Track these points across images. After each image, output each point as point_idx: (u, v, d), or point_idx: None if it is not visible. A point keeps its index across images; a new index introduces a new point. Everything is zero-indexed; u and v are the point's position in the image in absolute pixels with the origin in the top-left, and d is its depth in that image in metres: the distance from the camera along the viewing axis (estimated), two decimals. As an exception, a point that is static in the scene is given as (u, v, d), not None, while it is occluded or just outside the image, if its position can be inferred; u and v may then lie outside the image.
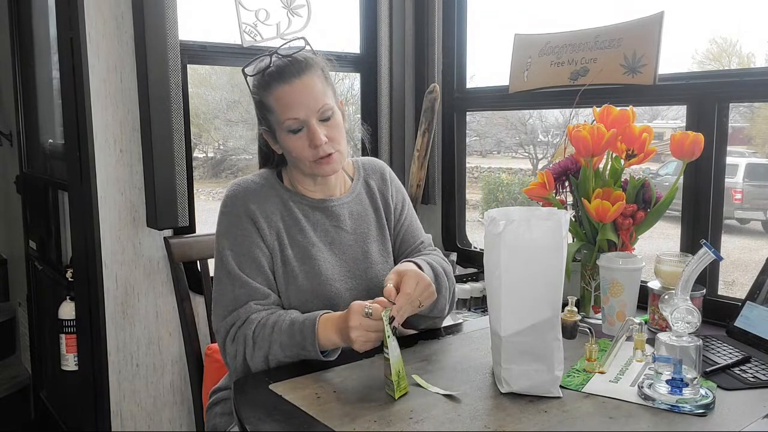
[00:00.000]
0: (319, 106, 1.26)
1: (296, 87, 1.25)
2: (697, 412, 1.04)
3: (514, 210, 1.18)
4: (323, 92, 1.28)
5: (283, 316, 1.23)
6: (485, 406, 1.08)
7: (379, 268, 1.38)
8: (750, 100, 4.17)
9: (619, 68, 1.73)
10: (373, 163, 1.49)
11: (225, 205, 1.33)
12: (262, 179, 1.37)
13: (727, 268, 6.38)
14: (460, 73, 2.30)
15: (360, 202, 1.42)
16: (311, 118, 1.26)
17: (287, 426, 1.02)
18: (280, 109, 1.27)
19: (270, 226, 1.31)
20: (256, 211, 1.31)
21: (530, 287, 1.08)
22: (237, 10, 1.91)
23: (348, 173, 1.45)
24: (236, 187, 1.34)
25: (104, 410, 1.81)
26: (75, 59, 1.70)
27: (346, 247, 1.36)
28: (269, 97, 1.28)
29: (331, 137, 1.28)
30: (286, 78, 1.26)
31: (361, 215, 1.40)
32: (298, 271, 1.30)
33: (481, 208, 9.64)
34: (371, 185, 1.45)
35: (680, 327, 1.08)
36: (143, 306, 1.84)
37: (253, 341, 1.21)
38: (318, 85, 1.27)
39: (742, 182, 8.48)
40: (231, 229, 1.30)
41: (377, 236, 1.41)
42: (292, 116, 1.26)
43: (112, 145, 1.75)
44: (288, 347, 1.19)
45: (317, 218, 1.36)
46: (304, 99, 1.25)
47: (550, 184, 1.58)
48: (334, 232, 1.36)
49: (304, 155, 1.28)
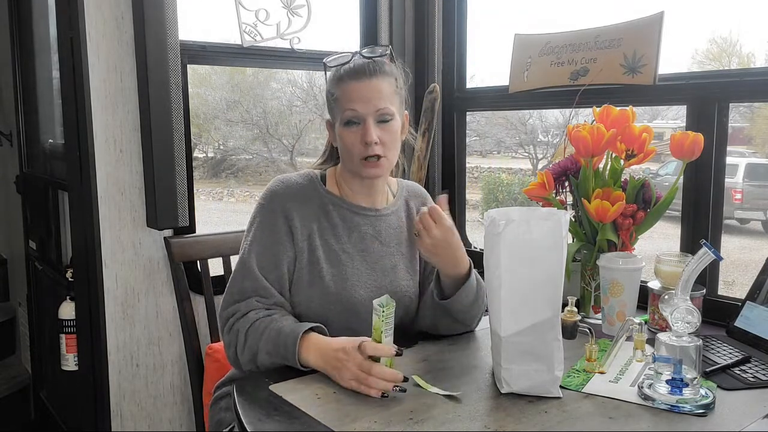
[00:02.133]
0: (380, 106, 1.30)
1: (365, 85, 1.31)
2: (697, 412, 1.04)
3: (514, 210, 1.18)
4: (389, 97, 1.32)
5: (274, 323, 1.24)
6: (485, 406, 1.08)
7: (405, 284, 1.41)
8: (750, 100, 4.18)
9: (619, 68, 1.73)
10: (416, 188, 1.55)
11: (264, 198, 1.37)
12: (305, 180, 1.40)
13: (727, 268, 6.39)
14: (460, 73, 2.30)
15: (398, 217, 1.45)
16: (369, 116, 1.30)
17: (287, 426, 1.02)
18: (344, 101, 1.32)
19: (303, 226, 1.34)
20: (293, 210, 1.34)
21: (530, 287, 1.08)
22: (237, 10, 1.91)
23: (391, 189, 1.48)
24: (279, 184, 1.38)
25: (104, 410, 1.81)
26: (75, 59, 1.70)
27: (377, 257, 1.39)
28: (339, 90, 1.33)
29: (384, 141, 1.31)
30: (359, 76, 1.31)
31: (396, 230, 1.43)
32: (325, 272, 1.33)
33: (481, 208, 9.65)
34: (411, 206, 1.49)
35: (680, 327, 1.08)
36: (143, 306, 1.84)
37: (244, 339, 1.24)
38: (386, 89, 1.32)
39: (742, 182, 8.49)
40: (262, 223, 1.34)
41: (407, 254, 1.44)
42: (351, 107, 1.30)
43: (112, 145, 1.75)
44: (274, 355, 1.21)
45: (355, 224, 1.38)
46: (368, 96, 1.30)
47: (550, 184, 1.58)
48: (369, 240, 1.39)
49: (354, 150, 1.31)
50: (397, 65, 1.38)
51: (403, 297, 1.38)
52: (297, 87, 13.24)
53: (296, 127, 13.52)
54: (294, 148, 13.48)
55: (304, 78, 12.49)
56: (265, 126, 13.46)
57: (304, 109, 13.15)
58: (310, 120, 13.04)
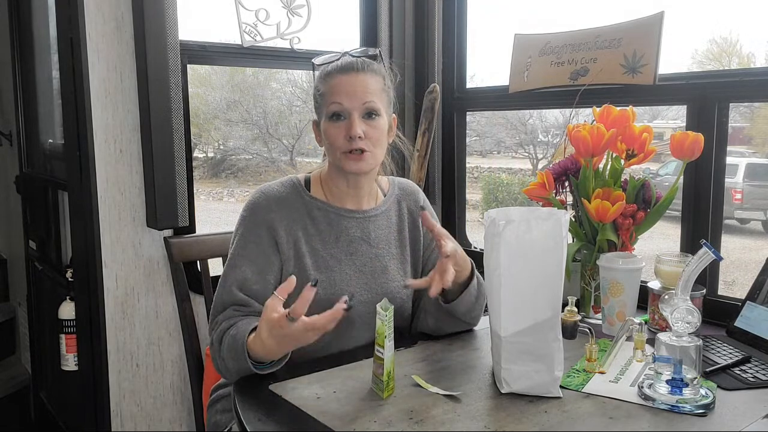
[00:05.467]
0: (366, 99, 1.30)
1: (351, 78, 1.31)
2: (697, 412, 1.04)
3: (514, 210, 1.18)
4: (376, 93, 1.32)
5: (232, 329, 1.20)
6: (485, 406, 1.08)
7: (396, 285, 1.40)
8: (750, 100, 4.18)
9: (619, 68, 1.73)
10: (409, 186, 1.52)
11: (246, 210, 1.35)
12: (287, 188, 1.37)
13: (727, 268, 6.39)
14: (460, 73, 2.30)
15: (388, 218, 1.43)
16: (355, 110, 1.29)
17: (287, 426, 1.02)
18: (329, 94, 1.31)
19: (288, 234, 1.32)
20: (275, 220, 1.32)
21: (530, 287, 1.09)
22: (237, 10, 1.91)
23: (382, 188, 1.47)
24: (259, 195, 1.35)
25: (104, 410, 1.81)
26: (75, 59, 1.70)
27: (366, 260, 1.37)
28: (325, 85, 1.33)
29: (369, 136, 1.30)
30: (346, 71, 1.32)
31: (385, 231, 1.42)
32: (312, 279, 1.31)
33: (481, 208, 9.65)
34: (402, 206, 1.46)
35: (680, 327, 1.08)
36: (143, 306, 1.84)
37: (219, 347, 1.22)
38: (373, 85, 1.32)
39: (742, 182, 8.49)
40: (244, 236, 1.32)
41: (397, 254, 1.42)
42: (336, 100, 1.30)
43: (112, 145, 1.75)
44: (237, 361, 1.17)
45: (342, 227, 1.37)
46: (354, 90, 1.30)
47: (550, 184, 1.58)
48: (357, 243, 1.37)
49: (338, 144, 1.30)
50: (385, 66, 1.37)
51: (394, 298, 1.37)
52: (297, 87, 13.24)
53: (296, 127, 13.52)
54: (294, 148, 13.48)
55: (304, 78, 12.48)
56: (265, 126, 13.47)
57: (304, 109, 13.14)
58: (310, 120, 13.02)
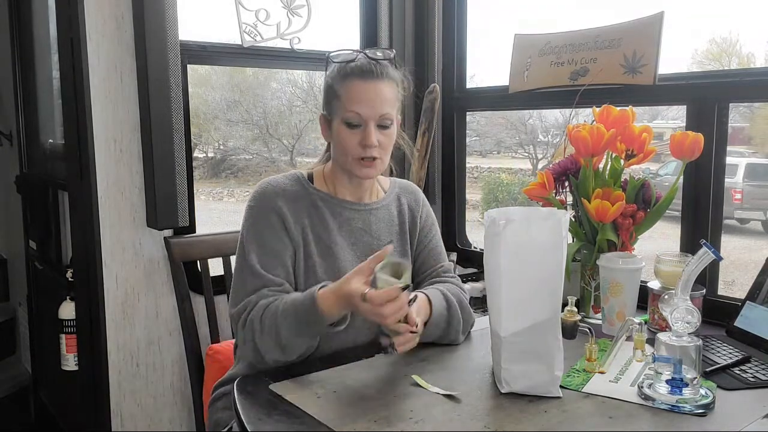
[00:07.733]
0: (383, 111, 1.31)
1: (371, 87, 1.31)
2: (697, 412, 1.04)
3: (514, 210, 1.18)
4: (391, 103, 1.33)
5: (285, 299, 1.24)
6: (485, 406, 1.08)
7: None
8: (750, 100, 4.18)
9: (619, 68, 1.73)
10: (409, 185, 1.55)
11: (253, 199, 1.37)
12: (291, 180, 1.40)
13: (727, 268, 6.38)
14: (460, 73, 2.30)
15: (388, 212, 1.46)
16: (371, 119, 1.31)
17: (287, 426, 1.02)
18: (347, 100, 1.31)
19: (296, 222, 1.35)
20: (284, 207, 1.34)
21: (530, 287, 1.09)
22: (237, 10, 1.91)
23: (382, 186, 1.49)
24: (266, 185, 1.38)
25: (104, 410, 1.81)
26: (75, 59, 1.70)
27: (368, 250, 1.39)
28: (342, 86, 1.33)
29: (382, 144, 1.33)
30: (365, 76, 1.31)
31: (386, 223, 1.45)
32: (318, 266, 1.34)
33: (481, 208, 9.64)
34: (402, 201, 1.49)
35: (680, 327, 1.08)
36: (143, 306, 1.84)
37: (260, 326, 1.23)
38: (389, 94, 1.33)
39: (742, 182, 8.47)
40: (257, 222, 1.34)
41: (398, 246, 1.44)
42: (355, 110, 1.30)
43: (112, 145, 1.75)
44: (295, 325, 1.21)
45: (345, 218, 1.40)
46: (373, 100, 1.31)
47: (550, 184, 1.58)
48: (359, 233, 1.40)
49: (352, 151, 1.32)
50: (400, 70, 1.39)
51: None
52: (297, 87, 13.23)
53: (296, 127, 13.51)
54: (294, 148, 13.47)
55: (304, 78, 12.49)
56: (265, 126, 13.46)
57: (304, 109, 13.14)
58: (310, 120, 13.02)
